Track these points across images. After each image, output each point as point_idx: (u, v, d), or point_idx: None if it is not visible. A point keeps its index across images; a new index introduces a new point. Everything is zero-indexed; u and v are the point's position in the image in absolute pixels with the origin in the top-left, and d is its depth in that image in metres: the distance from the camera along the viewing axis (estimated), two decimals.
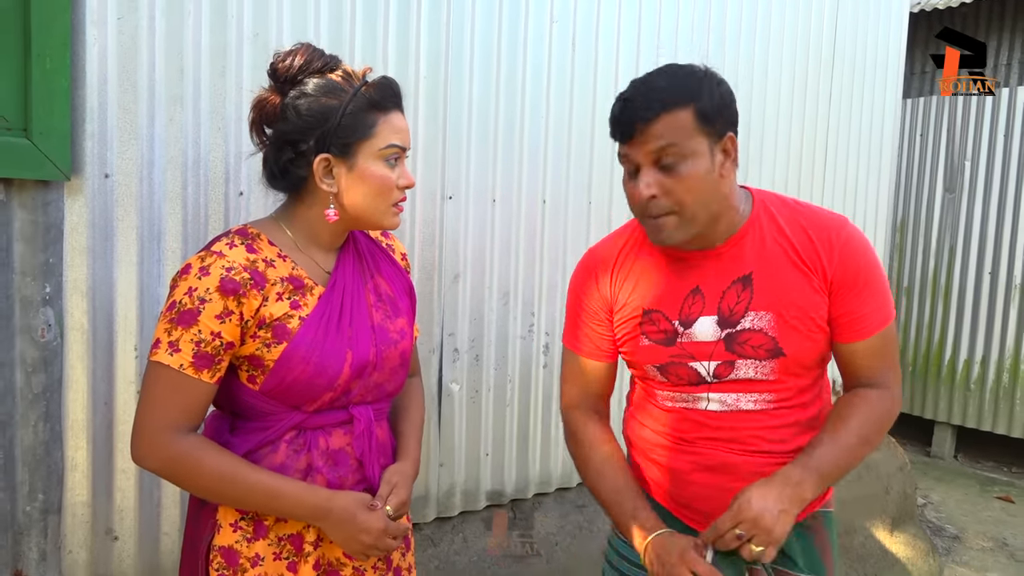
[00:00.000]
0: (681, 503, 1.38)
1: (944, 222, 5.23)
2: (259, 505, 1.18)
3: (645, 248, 1.36)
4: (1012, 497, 4.66)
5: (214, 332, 1.13)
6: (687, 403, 1.35)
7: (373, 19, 1.94)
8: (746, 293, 1.28)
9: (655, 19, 2.55)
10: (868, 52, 3.35)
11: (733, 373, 1.30)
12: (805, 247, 1.29)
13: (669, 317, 1.32)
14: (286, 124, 1.19)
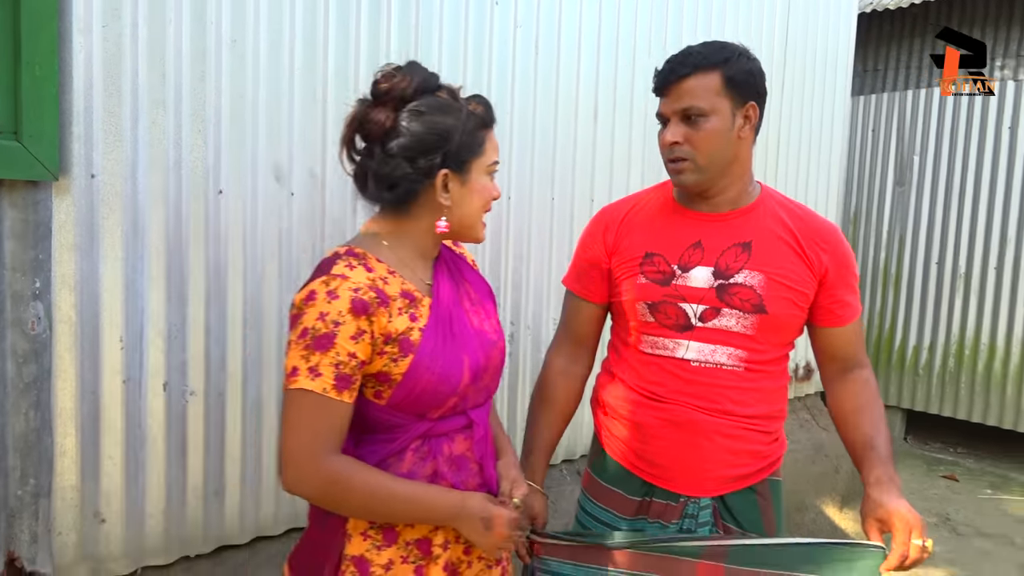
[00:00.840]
0: (645, 458, 1.53)
1: (894, 214, 5.44)
2: (402, 514, 1.22)
3: (656, 207, 1.57)
4: (957, 476, 4.90)
5: (350, 353, 1.14)
6: (667, 351, 1.50)
7: (345, 24, 2.03)
8: (744, 255, 1.47)
9: (614, 22, 2.67)
10: (818, 51, 3.52)
11: (717, 319, 1.46)
12: (805, 237, 1.49)
13: (669, 261, 1.50)
14: (407, 141, 1.20)
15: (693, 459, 1.49)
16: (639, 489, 1.55)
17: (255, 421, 1.99)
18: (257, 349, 1.97)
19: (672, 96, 1.43)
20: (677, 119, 1.43)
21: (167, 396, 1.84)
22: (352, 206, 2.08)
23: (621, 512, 1.56)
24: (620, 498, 1.57)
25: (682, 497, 1.51)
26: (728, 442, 1.49)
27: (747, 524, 1.54)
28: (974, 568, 3.64)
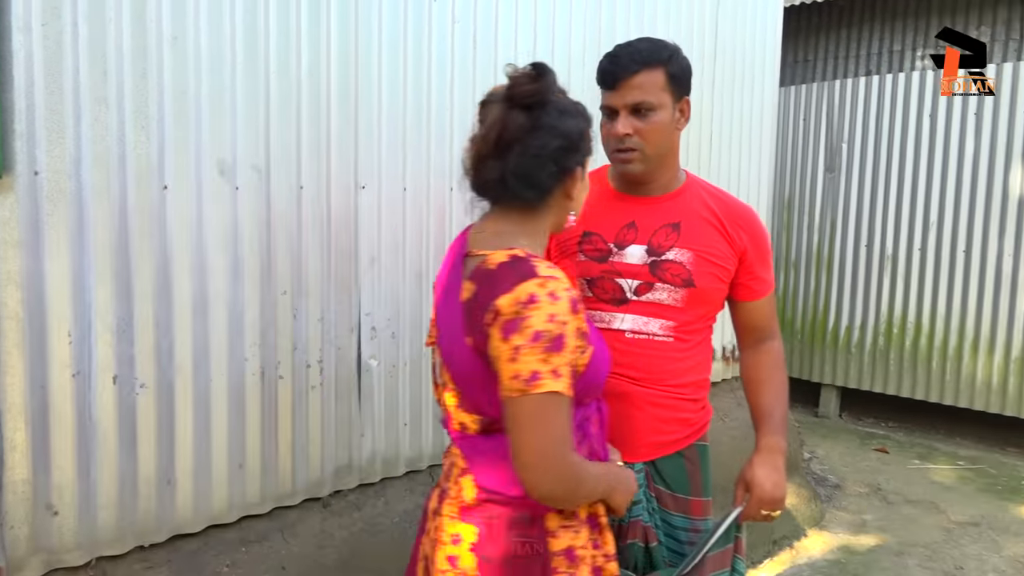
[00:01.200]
0: None
1: (826, 200, 5.66)
2: (595, 493, 1.28)
3: (593, 190, 1.58)
4: (887, 448, 5.14)
5: (574, 350, 1.19)
6: (604, 323, 1.61)
7: (286, 20, 2.07)
8: (674, 234, 1.61)
9: (550, 17, 2.75)
10: (747, 44, 3.66)
11: (651, 293, 1.59)
12: (728, 219, 1.65)
13: (606, 240, 1.62)
14: (559, 142, 1.25)
15: (627, 428, 1.61)
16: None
17: (205, 412, 2.03)
18: (205, 341, 2.01)
19: (623, 90, 1.54)
20: (627, 112, 1.55)
21: (117, 389, 1.87)
22: (296, 199, 2.13)
23: None
24: None
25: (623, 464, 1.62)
26: (659, 411, 1.63)
27: (676, 486, 1.67)
28: (902, 533, 3.85)
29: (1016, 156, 4.81)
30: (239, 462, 2.12)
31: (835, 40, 6.57)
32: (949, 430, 5.50)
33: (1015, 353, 4.93)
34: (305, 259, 2.18)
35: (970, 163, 4.98)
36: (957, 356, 5.16)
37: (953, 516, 4.06)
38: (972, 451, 5.13)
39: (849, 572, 3.46)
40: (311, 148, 2.15)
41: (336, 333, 2.27)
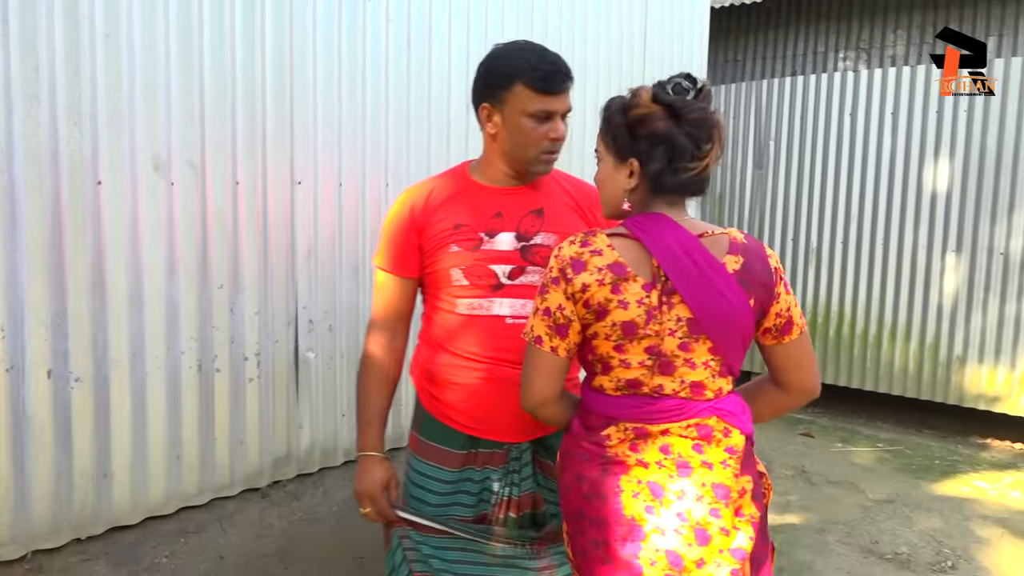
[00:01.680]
0: (470, 416, 1.71)
1: (755, 195, 5.87)
2: None
3: (457, 186, 1.74)
4: (812, 433, 5.38)
5: None
6: (483, 310, 1.69)
7: (220, 18, 2.10)
8: (539, 220, 1.71)
9: (482, 15, 2.83)
10: (675, 45, 3.80)
11: (523, 277, 1.69)
12: (584, 201, 1.79)
13: (476, 229, 1.69)
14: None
15: (512, 411, 1.67)
16: (464, 444, 1.74)
17: (141, 405, 2.06)
18: (141, 335, 2.03)
19: (562, 97, 1.66)
20: (560, 117, 1.67)
21: (52, 383, 1.88)
22: (232, 194, 2.16)
23: (450, 466, 1.75)
24: (446, 454, 1.75)
25: (505, 444, 1.74)
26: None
27: (551, 455, 1.79)
28: (824, 512, 4.05)
29: (928, 153, 5.07)
30: (176, 454, 2.14)
31: (763, 41, 6.81)
32: (871, 414, 5.77)
33: (929, 340, 5.20)
34: (241, 254, 2.21)
35: (887, 160, 5.23)
36: (877, 343, 5.42)
37: (871, 495, 4.29)
38: (891, 434, 5.40)
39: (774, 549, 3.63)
40: (247, 145, 2.19)
41: (273, 326, 2.31)
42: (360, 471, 1.77)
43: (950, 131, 4.99)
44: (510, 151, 1.69)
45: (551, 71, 1.63)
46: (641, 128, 1.51)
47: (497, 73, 1.65)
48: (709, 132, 1.48)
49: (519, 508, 1.76)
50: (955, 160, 4.98)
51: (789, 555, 3.56)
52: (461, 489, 1.75)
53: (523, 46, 1.65)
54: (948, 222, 5.06)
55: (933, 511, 4.06)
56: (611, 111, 1.56)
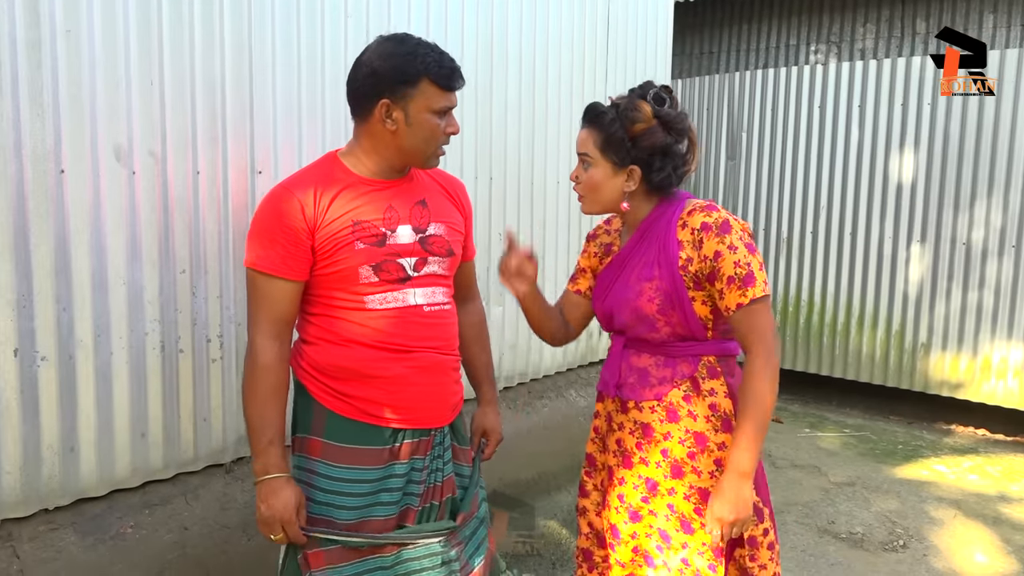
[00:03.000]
0: (397, 407, 1.73)
1: (728, 186, 5.99)
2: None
3: (340, 180, 1.71)
4: (782, 419, 5.50)
5: None
6: (399, 302, 1.72)
7: (179, 11, 2.20)
8: (425, 211, 1.78)
9: (442, 9, 2.93)
10: (639, 39, 3.90)
11: (427, 267, 1.76)
12: (451, 189, 1.91)
13: (377, 225, 1.70)
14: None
15: (439, 396, 1.79)
16: (388, 438, 1.73)
17: (106, 384, 2.16)
18: (106, 317, 2.13)
19: (455, 93, 1.72)
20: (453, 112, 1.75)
21: (18, 361, 1.98)
22: (193, 183, 2.26)
23: (372, 464, 1.71)
24: (366, 453, 1.71)
25: (432, 430, 1.79)
26: (455, 375, 1.85)
27: (461, 440, 1.93)
28: (785, 494, 4.18)
29: (895, 145, 5.19)
30: (142, 431, 2.25)
31: (736, 34, 6.92)
32: (840, 401, 5.90)
33: (895, 328, 5.33)
34: (203, 240, 2.31)
35: (855, 152, 5.35)
36: (845, 332, 5.54)
37: (832, 478, 4.42)
38: (859, 420, 5.53)
39: None
40: (206, 135, 2.29)
41: (235, 309, 2.41)
42: (266, 495, 1.65)
43: (914, 124, 5.11)
44: (410, 147, 1.70)
45: (455, 68, 1.69)
46: (643, 140, 1.77)
47: (402, 70, 1.64)
48: (691, 138, 1.79)
49: (442, 494, 1.82)
50: (920, 153, 5.10)
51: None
52: (384, 487, 1.73)
53: (418, 42, 1.67)
54: (913, 213, 5.18)
55: (891, 493, 4.19)
56: (606, 122, 1.76)
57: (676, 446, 1.79)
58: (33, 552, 2.04)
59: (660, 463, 1.80)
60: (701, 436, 1.77)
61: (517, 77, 3.32)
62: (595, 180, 1.78)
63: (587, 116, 1.79)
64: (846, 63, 5.32)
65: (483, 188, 3.27)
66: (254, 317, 1.70)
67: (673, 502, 1.80)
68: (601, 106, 1.78)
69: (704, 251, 1.70)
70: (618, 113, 1.75)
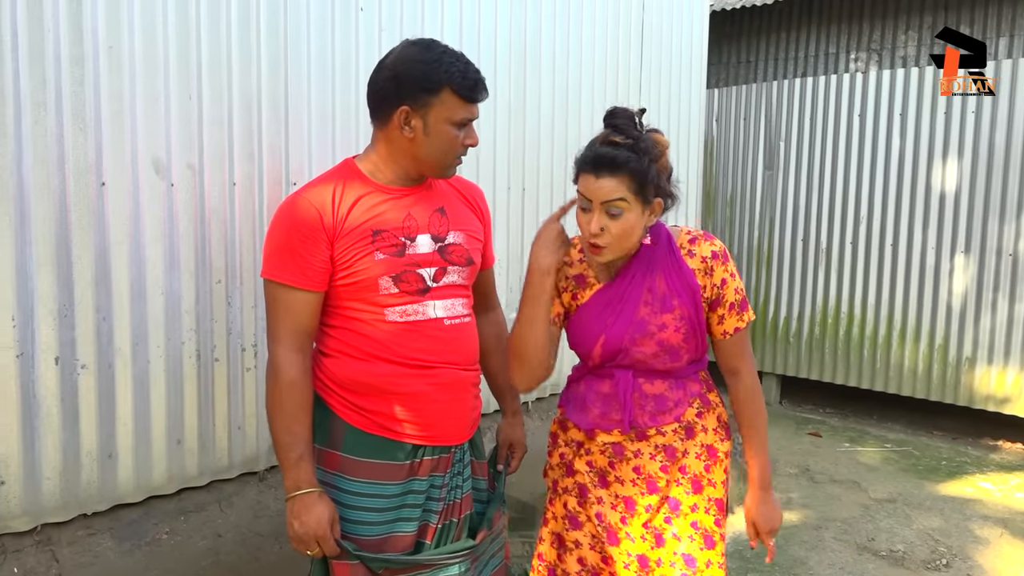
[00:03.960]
0: (417, 423, 1.71)
1: (765, 196, 5.92)
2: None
3: (358, 187, 1.69)
4: (821, 433, 5.41)
5: None
6: (418, 315, 1.70)
7: (216, 29, 2.24)
8: (444, 219, 1.76)
9: (475, 23, 2.94)
10: (674, 48, 3.88)
11: (446, 277, 1.74)
12: (470, 194, 1.89)
13: (396, 234, 1.68)
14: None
15: (459, 413, 1.77)
16: (408, 454, 1.71)
17: (144, 392, 2.20)
18: (144, 326, 2.18)
19: (478, 107, 1.70)
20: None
21: (59, 369, 2.03)
22: (229, 195, 2.30)
23: (391, 479, 1.70)
24: (387, 468, 1.70)
25: (452, 447, 1.78)
26: (475, 390, 1.83)
27: (478, 454, 1.92)
28: (824, 509, 4.10)
29: (937, 154, 5.08)
30: (177, 438, 2.29)
31: (775, 42, 6.85)
32: (882, 415, 5.78)
33: (938, 341, 5.21)
34: (239, 251, 2.35)
35: (896, 161, 5.25)
36: (886, 344, 5.43)
37: (873, 494, 4.32)
38: (901, 435, 5.41)
39: None
40: (243, 148, 2.32)
41: None
42: (299, 511, 1.62)
43: (958, 132, 5.00)
44: (426, 156, 1.68)
45: (478, 80, 1.66)
46: (665, 170, 1.71)
47: (425, 78, 1.61)
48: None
49: (461, 511, 1.81)
50: (964, 161, 5.00)
51: (784, 551, 3.62)
52: (405, 503, 1.72)
53: (444, 50, 1.65)
54: (957, 223, 5.07)
55: (934, 511, 4.09)
56: (635, 164, 1.62)
57: (693, 461, 1.79)
58: (72, 556, 2.09)
59: (680, 481, 1.80)
60: (712, 448, 1.81)
61: (550, 88, 3.32)
62: (630, 225, 1.64)
63: (606, 163, 1.62)
64: (887, 71, 5.23)
65: (516, 198, 3.28)
66: (275, 330, 1.67)
67: (697, 519, 1.80)
68: (614, 150, 1.63)
69: (714, 279, 1.75)
70: (639, 151, 1.62)
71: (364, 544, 1.69)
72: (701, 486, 1.80)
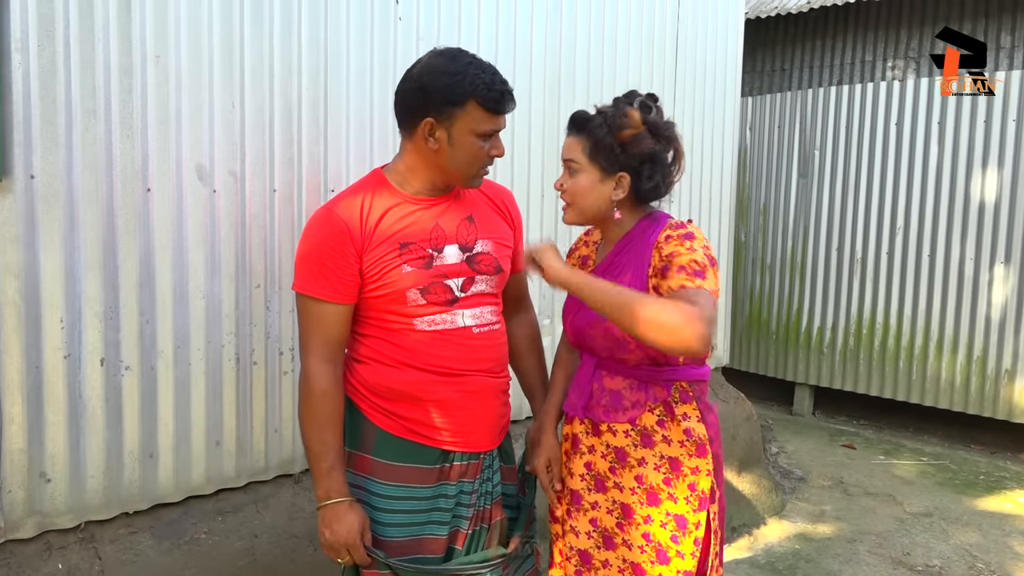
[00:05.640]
0: (446, 430, 1.73)
1: (799, 205, 5.87)
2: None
3: (385, 199, 1.70)
4: (855, 445, 5.33)
5: None
6: (447, 323, 1.72)
7: (259, 39, 2.29)
8: (472, 227, 1.76)
9: (511, 32, 2.97)
10: (708, 56, 3.87)
11: (474, 287, 1.75)
12: (499, 199, 1.88)
13: (423, 247, 1.69)
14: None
15: (488, 420, 1.78)
16: (438, 458, 1.73)
17: (184, 393, 2.24)
18: (185, 329, 2.22)
19: (505, 118, 1.70)
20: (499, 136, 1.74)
21: (104, 370, 2.08)
22: (270, 201, 2.35)
23: (421, 483, 1.72)
24: (418, 471, 1.72)
25: (481, 454, 1.79)
26: (504, 396, 1.84)
27: (507, 459, 1.92)
28: (858, 523, 4.05)
29: (976, 163, 5.00)
30: (216, 440, 2.33)
31: (810, 50, 6.79)
32: (918, 428, 5.69)
33: (976, 353, 5.12)
34: (278, 256, 2.39)
35: (934, 170, 5.18)
36: (923, 356, 5.35)
37: (908, 507, 4.26)
38: (937, 448, 5.32)
39: (802, 557, 3.65)
40: (283, 155, 2.37)
41: None
42: (330, 520, 1.65)
43: (999, 140, 4.92)
44: (451, 167, 1.68)
45: (504, 91, 1.65)
46: (633, 147, 1.69)
47: (450, 89, 1.61)
48: (678, 148, 1.69)
49: (491, 517, 1.82)
50: (1004, 170, 4.92)
51: (817, 563, 3.59)
52: (435, 506, 1.73)
53: (470, 61, 1.64)
54: (997, 233, 4.99)
55: (971, 526, 4.02)
56: (594, 127, 1.70)
57: (651, 472, 1.74)
58: (113, 554, 2.14)
59: (635, 489, 1.76)
60: (676, 461, 1.73)
61: (585, 96, 3.33)
62: (581, 187, 1.72)
63: (574, 123, 1.75)
64: (924, 79, 5.17)
65: (549, 207, 3.29)
66: (306, 342, 1.70)
67: (649, 531, 1.74)
68: (587, 113, 1.73)
69: (662, 252, 1.64)
70: (606, 119, 1.70)
71: (396, 546, 1.71)
72: (658, 498, 1.73)
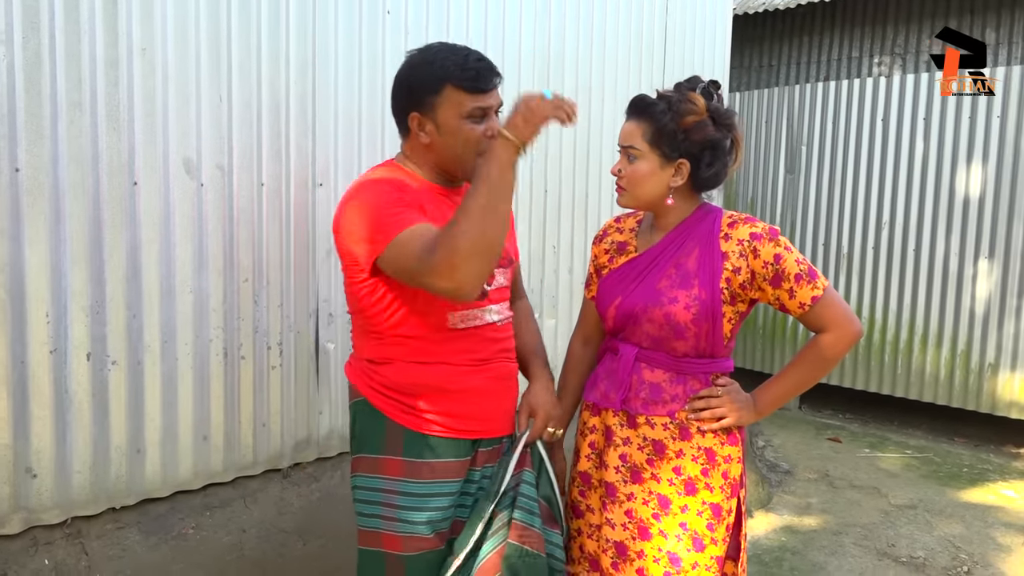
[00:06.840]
0: (475, 419, 1.74)
1: (786, 200, 5.89)
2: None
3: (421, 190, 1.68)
4: (840, 438, 5.37)
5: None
6: (478, 320, 1.73)
7: (247, 31, 2.28)
8: None
9: (500, 27, 2.96)
10: (696, 52, 3.88)
11: (495, 282, 1.77)
12: None
13: None
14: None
15: (508, 403, 1.81)
16: (467, 449, 1.74)
17: (172, 388, 2.23)
18: (172, 323, 2.21)
19: (494, 93, 1.66)
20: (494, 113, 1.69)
21: (91, 365, 2.07)
22: (257, 195, 2.34)
23: (455, 477, 1.72)
24: (450, 465, 1.71)
25: (504, 438, 1.82)
26: (517, 381, 1.86)
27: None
28: (843, 515, 4.08)
29: (961, 159, 5.04)
30: (204, 434, 2.32)
31: (797, 46, 6.82)
32: (903, 421, 5.74)
33: (960, 347, 5.16)
34: (265, 250, 2.38)
35: (920, 166, 5.22)
36: (908, 350, 5.39)
37: (893, 500, 4.29)
38: (922, 441, 5.37)
39: (788, 549, 3.68)
40: (271, 149, 2.36)
41: (295, 318, 2.48)
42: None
43: (983, 136, 4.96)
44: (448, 156, 1.68)
45: (480, 68, 1.61)
46: (695, 133, 1.70)
47: (423, 80, 1.60)
48: (736, 136, 1.74)
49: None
50: (988, 165, 4.96)
51: (803, 555, 3.62)
52: (463, 491, 1.76)
53: (440, 48, 1.64)
54: (981, 228, 5.03)
55: (955, 517, 4.06)
56: (656, 112, 1.68)
57: (689, 463, 1.76)
58: (101, 549, 2.13)
59: (673, 480, 1.77)
60: (711, 452, 1.77)
61: (573, 89, 3.34)
62: (641, 173, 1.71)
63: (635, 108, 1.73)
64: (911, 75, 5.20)
65: (538, 198, 3.29)
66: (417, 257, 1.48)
67: (686, 520, 1.76)
68: (649, 98, 1.73)
69: (763, 257, 1.68)
70: (670, 104, 1.69)
71: (435, 540, 1.70)
72: (696, 489, 1.76)
